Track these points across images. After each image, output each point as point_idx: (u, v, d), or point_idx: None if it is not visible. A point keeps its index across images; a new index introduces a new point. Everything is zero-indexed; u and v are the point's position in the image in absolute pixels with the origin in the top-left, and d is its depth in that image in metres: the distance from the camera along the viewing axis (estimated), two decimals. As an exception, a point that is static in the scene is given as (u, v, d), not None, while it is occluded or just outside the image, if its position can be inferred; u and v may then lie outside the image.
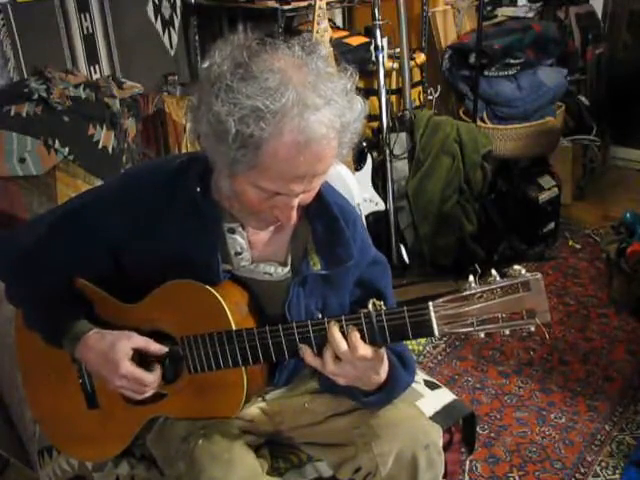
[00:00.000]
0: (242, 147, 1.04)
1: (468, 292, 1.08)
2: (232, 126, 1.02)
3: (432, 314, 1.10)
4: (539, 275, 1.08)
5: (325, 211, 1.25)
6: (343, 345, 1.14)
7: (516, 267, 1.08)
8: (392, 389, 1.27)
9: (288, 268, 1.28)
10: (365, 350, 1.15)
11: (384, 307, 1.15)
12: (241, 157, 1.05)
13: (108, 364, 1.21)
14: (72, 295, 1.30)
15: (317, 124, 1.02)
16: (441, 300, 1.09)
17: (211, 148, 1.10)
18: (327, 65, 1.08)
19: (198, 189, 1.20)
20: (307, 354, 1.17)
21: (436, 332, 1.10)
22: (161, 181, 1.24)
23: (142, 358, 1.24)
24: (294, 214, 1.15)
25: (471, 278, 1.09)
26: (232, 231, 1.24)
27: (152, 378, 1.23)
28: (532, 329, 1.09)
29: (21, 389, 1.50)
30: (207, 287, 1.20)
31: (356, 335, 1.14)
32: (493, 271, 1.09)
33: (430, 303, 1.10)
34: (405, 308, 1.12)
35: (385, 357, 1.20)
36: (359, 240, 1.32)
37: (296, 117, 1.01)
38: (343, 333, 1.15)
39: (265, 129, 1.01)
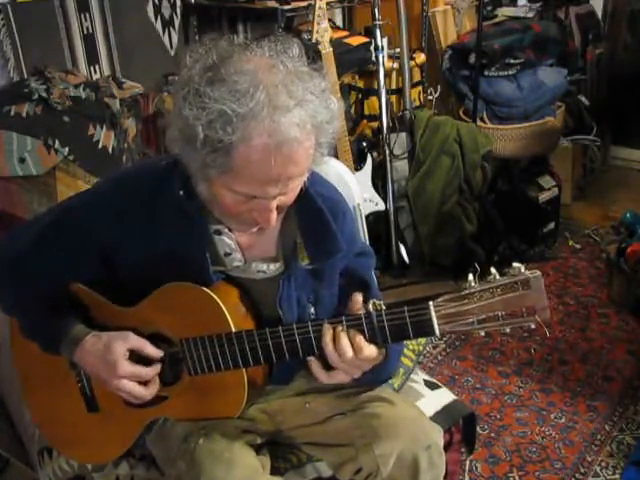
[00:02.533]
0: (212, 152, 1.03)
1: (468, 291, 1.08)
2: (200, 131, 1.01)
3: (433, 313, 1.10)
4: (538, 273, 1.08)
5: (310, 204, 1.25)
6: (349, 352, 1.14)
7: (516, 265, 1.08)
8: (386, 365, 1.26)
9: (280, 263, 1.27)
10: (370, 351, 1.15)
11: (384, 307, 1.15)
12: (211, 162, 1.04)
13: (106, 366, 1.20)
14: (67, 300, 1.29)
15: (288, 125, 1.01)
16: (441, 299, 1.09)
17: (183, 153, 1.09)
18: (300, 64, 1.06)
19: (181, 192, 1.19)
20: (315, 367, 1.17)
21: (437, 331, 1.10)
22: (149, 182, 1.23)
23: (140, 360, 1.23)
24: (273, 217, 1.13)
25: (471, 277, 1.09)
26: (218, 233, 1.23)
27: (148, 372, 1.21)
28: (532, 326, 1.09)
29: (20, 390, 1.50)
30: (205, 289, 1.19)
31: (360, 338, 1.14)
32: (493, 269, 1.09)
33: (430, 302, 1.10)
34: (405, 308, 1.12)
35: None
36: (347, 231, 1.32)
37: (266, 119, 1.00)
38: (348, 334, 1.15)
39: (233, 134, 1.00)
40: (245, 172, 1.04)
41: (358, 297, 1.20)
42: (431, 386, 1.67)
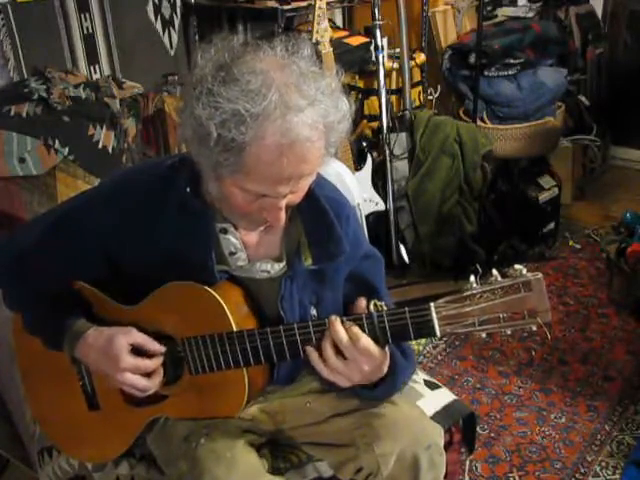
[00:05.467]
0: (225, 151, 1.03)
1: (469, 292, 1.08)
2: (213, 130, 1.02)
3: (434, 314, 1.10)
4: (540, 275, 1.08)
5: (314, 205, 1.25)
6: (344, 336, 1.13)
7: (517, 267, 1.08)
8: (394, 380, 1.26)
9: (284, 263, 1.27)
10: (367, 341, 1.14)
11: (385, 307, 1.15)
12: (224, 161, 1.04)
13: (108, 360, 1.20)
14: (71, 297, 1.29)
15: (300, 126, 1.01)
16: (442, 300, 1.09)
17: (195, 152, 1.09)
18: (311, 65, 1.07)
19: (188, 189, 1.20)
20: (313, 357, 1.17)
21: (438, 332, 1.10)
22: (153, 181, 1.24)
23: (141, 356, 1.23)
24: (282, 215, 1.14)
25: (472, 278, 1.09)
26: (224, 231, 1.24)
27: (150, 364, 1.21)
28: (533, 329, 1.09)
29: (21, 389, 1.50)
30: (207, 288, 1.19)
31: (357, 327, 1.14)
32: (494, 271, 1.09)
33: (432, 304, 1.10)
34: (407, 309, 1.12)
35: (388, 353, 1.20)
36: (351, 234, 1.32)
37: (278, 119, 1.00)
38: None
39: (246, 133, 1.00)
40: (257, 171, 1.05)
41: (362, 302, 1.20)
42: (431, 386, 1.67)
